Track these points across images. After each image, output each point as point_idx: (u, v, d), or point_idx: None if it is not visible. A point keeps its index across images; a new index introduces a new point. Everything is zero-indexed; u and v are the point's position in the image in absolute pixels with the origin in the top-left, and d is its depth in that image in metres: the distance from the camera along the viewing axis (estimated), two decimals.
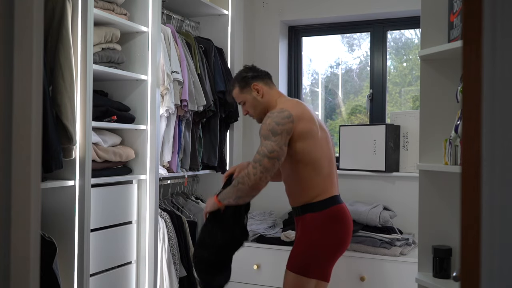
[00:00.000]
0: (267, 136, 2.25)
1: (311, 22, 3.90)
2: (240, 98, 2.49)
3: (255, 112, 2.48)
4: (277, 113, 2.27)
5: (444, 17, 2.23)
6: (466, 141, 0.64)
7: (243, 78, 2.46)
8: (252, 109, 2.47)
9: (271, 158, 2.22)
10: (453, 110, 2.22)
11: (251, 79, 2.45)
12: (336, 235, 2.33)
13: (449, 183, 2.24)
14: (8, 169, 0.68)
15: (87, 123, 2.28)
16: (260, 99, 2.44)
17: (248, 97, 2.45)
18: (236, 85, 2.48)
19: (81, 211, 2.27)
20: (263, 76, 2.48)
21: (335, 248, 2.34)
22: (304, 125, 2.30)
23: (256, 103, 2.45)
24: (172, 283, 2.87)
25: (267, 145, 2.23)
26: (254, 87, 2.44)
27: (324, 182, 2.34)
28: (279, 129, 2.23)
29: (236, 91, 2.48)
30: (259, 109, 2.46)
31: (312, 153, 2.32)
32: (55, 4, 2.18)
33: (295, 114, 2.28)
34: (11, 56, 0.68)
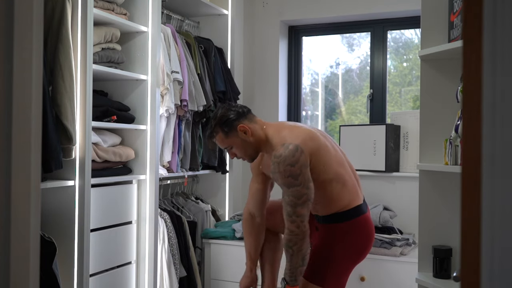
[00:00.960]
0: (289, 184, 2.06)
1: (311, 22, 3.90)
2: (226, 144, 2.22)
3: (246, 154, 2.24)
4: (284, 154, 2.05)
5: (444, 17, 2.23)
6: (466, 141, 0.64)
7: (226, 122, 2.17)
8: (242, 151, 2.23)
9: (303, 204, 2.06)
10: (453, 110, 2.22)
11: (235, 120, 2.18)
12: (356, 246, 2.24)
13: (449, 183, 2.24)
14: (8, 169, 0.68)
15: (87, 123, 2.28)
16: (250, 140, 2.19)
17: (236, 141, 2.20)
18: (219, 131, 2.19)
19: (81, 211, 2.27)
20: (245, 113, 2.22)
21: (354, 258, 2.26)
22: (311, 146, 2.13)
23: (246, 145, 2.20)
24: (172, 283, 2.87)
25: (294, 193, 2.05)
26: (240, 129, 2.17)
27: (349, 192, 2.23)
28: (297, 169, 2.04)
29: (220, 137, 2.20)
30: (250, 150, 2.22)
31: (331, 166, 2.18)
32: (55, 4, 2.18)
33: (300, 141, 2.10)
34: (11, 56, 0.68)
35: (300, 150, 2.07)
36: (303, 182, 2.06)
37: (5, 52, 0.68)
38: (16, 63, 0.68)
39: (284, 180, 2.06)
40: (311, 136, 2.17)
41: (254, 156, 2.25)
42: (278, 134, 2.18)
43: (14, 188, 0.69)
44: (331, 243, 2.22)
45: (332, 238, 2.22)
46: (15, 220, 0.69)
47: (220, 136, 2.20)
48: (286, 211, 2.09)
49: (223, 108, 2.23)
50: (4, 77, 0.68)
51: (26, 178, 0.70)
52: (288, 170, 2.04)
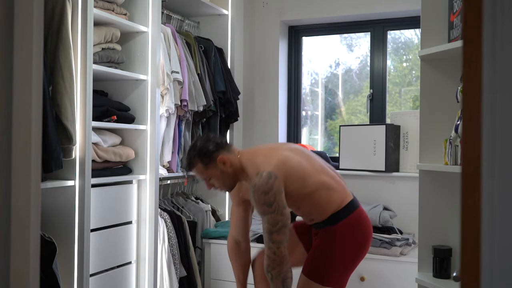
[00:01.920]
0: (264, 211, 2.10)
1: (311, 22, 3.90)
2: (205, 175, 2.23)
3: (225, 185, 2.26)
4: (258, 183, 2.09)
5: (444, 17, 2.23)
6: (466, 141, 0.64)
7: (206, 153, 2.19)
8: (221, 182, 2.25)
9: (279, 231, 2.10)
10: (453, 110, 2.22)
11: (214, 152, 2.19)
12: (356, 242, 2.26)
13: (449, 183, 2.24)
14: (8, 169, 0.68)
15: (87, 123, 2.28)
16: (228, 171, 2.21)
17: (214, 172, 2.21)
18: (198, 161, 2.20)
19: (81, 211, 2.27)
20: (223, 144, 2.24)
21: (354, 256, 2.28)
22: (284, 169, 2.16)
23: (225, 176, 2.22)
24: (172, 283, 2.87)
25: (270, 220, 2.10)
26: (220, 160, 2.19)
27: (337, 193, 2.27)
28: (271, 197, 2.08)
29: (200, 168, 2.21)
30: (228, 181, 2.24)
31: (311, 179, 2.21)
32: (55, 4, 2.18)
33: (272, 167, 2.13)
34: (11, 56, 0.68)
35: (273, 176, 2.10)
36: (277, 209, 2.09)
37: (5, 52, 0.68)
38: (16, 63, 0.68)
39: (260, 208, 2.12)
40: (283, 160, 2.18)
41: (232, 186, 2.29)
42: (251, 162, 2.21)
43: (14, 188, 0.69)
44: (332, 242, 2.24)
45: (333, 238, 2.25)
46: (15, 220, 0.69)
47: (199, 167, 2.22)
48: (264, 238, 2.15)
49: (202, 140, 2.24)
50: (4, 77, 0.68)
51: (26, 178, 0.70)
52: (262, 198, 2.09)
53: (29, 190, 0.71)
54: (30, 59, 0.70)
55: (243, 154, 2.26)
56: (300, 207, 2.29)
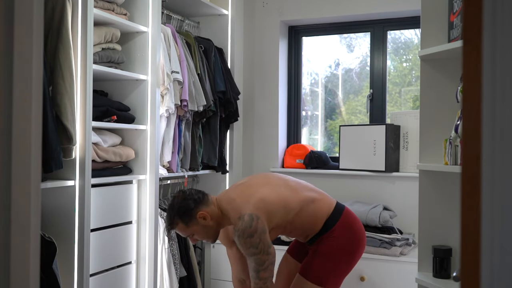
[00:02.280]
0: (251, 253, 2.15)
1: (311, 22, 3.90)
2: (188, 232, 2.25)
3: (209, 237, 2.29)
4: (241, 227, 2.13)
5: (444, 17, 2.23)
6: (466, 141, 0.64)
7: (185, 212, 2.20)
8: (204, 236, 2.27)
9: (265, 269, 2.17)
10: (453, 110, 2.22)
11: (194, 209, 2.20)
12: (352, 242, 2.30)
13: (449, 183, 2.24)
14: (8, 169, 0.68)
15: (87, 123, 2.28)
16: (210, 224, 2.23)
17: (196, 228, 2.23)
18: (179, 221, 2.21)
19: (81, 211, 2.27)
20: (201, 199, 2.24)
21: (351, 256, 2.32)
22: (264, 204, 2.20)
23: (207, 230, 2.24)
24: (172, 283, 2.87)
25: (257, 261, 2.15)
26: (200, 216, 2.21)
27: (322, 201, 2.33)
28: (256, 239, 2.12)
29: (181, 227, 2.23)
30: (211, 233, 2.27)
31: (293, 203, 2.26)
32: (55, 4, 2.18)
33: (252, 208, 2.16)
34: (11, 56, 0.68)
35: (255, 217, 2.14)
36: (263, 249, 2.14)
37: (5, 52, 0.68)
38: (16, 63, 0.68)
39: (246, 251, 2.16)
40: (261, 198, 2.21)
41: (216, 237, 2.32)
42: (231, 206, 2.24)
43: (14, 188, 0.69)
44: (329, 244, 2.28)
45: (329, 240, 2.29)
46: (15, 220, 0.69)
47: (180, 226, 2.23)
48: (251, 274, 2.21)
49: (179, 198, 2.24)
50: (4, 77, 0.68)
51: (26, 178, 0.70)
52: (248, 241, 2.13)
53: (29, 190, 0.71)
54: (30, 59, 0.70)
55: (220, 201, 2.29)
56: (292, 231, 2.36)
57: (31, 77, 0.70)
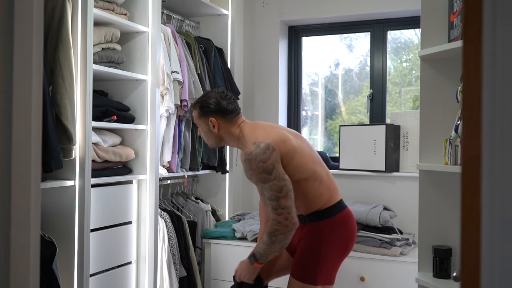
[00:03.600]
0: (265, 179, 2.11)
1: (311, 22, 3.90)
2: (197, 122, 2.38)
3: (207, 140, 2.39)
4: (255, 152, 2.12)
5: (444, 17, 2.23)
6: (466, 141, 0.64)
7: (204, 108, 2.30)
8: (205, 136, 2.38)
9: (285, 196, 2.09)
10: (453, 110, 2.22)
11: (211, 112, 2.29)
12: (343, 240, 2.28)
13: (449, 183, 2.24)
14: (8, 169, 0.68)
15: (87, 123, 2.28)
16: (213, 131, 2.32)
17: (202, 125, 2.34)
18: (197, 108, 2.34)
19: (81, 211, 2.27)
20: (224, 111, 2.29)
21: (341, 253, 2.30)
22: (283, 147, 2.18)
23: (209, 134, 2.35)
24: (172, 283, 2.87)
25: (273, 187, 2.09)
26: (210, 120, 2.30)
27: (328, 189, 2.28)
28: (270, 165, 2.10)
29: (196, 114, 2.36)
30: (211, 139, 2.36)
31: (306, 166, 2.23)
32: (55, 4, 2.18)
33: (271, 140, 2.16)
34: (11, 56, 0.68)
35: (271, 148, 2.13)
36: (278, 176, 2.10)
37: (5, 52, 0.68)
38: (16, 63, 0.68)
39: (259, 177, 2.12)
40: (283, 138, 2.21)
41: (215, 146, 2.41)
42: (252, 133, 2.27)
43: (14, 188, 0.69)
44: (318, 241, 2.25)
45: (319, 236, 2.25)
46: (16, 220, 0.69)
47: (196, 113, 2.36)
48: (271, 206, 2.11)
49: (214, 95, 2.33)
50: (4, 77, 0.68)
51: (26, 178, 0.70)
52: (261, 166, 2.10)
53: (29, 190, 0.70)
54: (30, 59, 0.70)
55: (246, 124, 2.33)
56: None
57: (31, 77, 0.70)
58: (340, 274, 3.00)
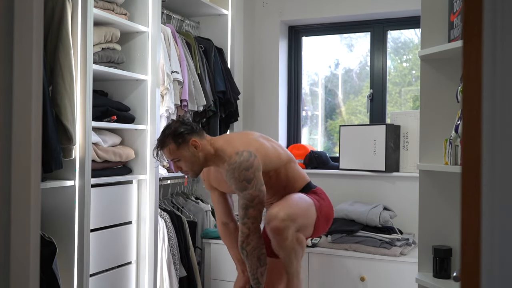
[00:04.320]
0: (243, 188, 2.21)
1: (311, 22, 3.90)
2: (176, 155, 2.29)
3: (193, 168, 2.32)
4: (239, 160, 2.21)
5: (444, 17, 2.23)
6: (466, 141, 0.64)
7: (180, 134, 2.26)
8: (189, 165, 2.30)
9: (255, 206, 2.22)
10: (453, 110, 2.22)
11: (188, 134, 2.27)
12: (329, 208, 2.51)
13: (449, 183, 2.24)
14: (8, 169, 0.68)
15: (87, 123, 2.28)
16: (198, 155, 2.29)
17: (185, 154, 2.27)
18: (171, 142, 2.26)
19: (81, 211, 2.27)
20: (196, 129, 2.32)
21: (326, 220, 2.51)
22: (265, 150, 2.35)
23: (194, 160, 2.29)
24: (172, 283, 2.87)
25: (247, 196, 2.21)
26: (192, 143, 2.27)
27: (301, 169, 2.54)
28: (251, 174, 2.21)
29: (172, 148, 2.27)
30: (197, 165, 2.31)
31: (282, 155, 2.45)
32: (55, 4, 2.18)
33: (253, 148, 2.28)
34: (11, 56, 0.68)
35: (253, 155, 2.25)
36: (255, 185, 2.22)
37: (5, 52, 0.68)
38: (16, 63, 0.68)
39: (239, 185, 2.22)
40: (260, 145, 2.36)
41: (198, 172, 2.37)
42: (228, 145, 2.32)
43: (14, 188, 0.69)
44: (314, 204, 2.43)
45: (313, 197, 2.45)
46: (15, 220, 0.69)
47: (171, 147, 2.28)
48: (240, 214, 2.26)
49: (177, 122, 2.33)
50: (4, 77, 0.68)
51: (26, 178, 0.70)
52: (243, 174, 2.21)
53: (29, 190, 0.70)
54: (30, 59, 0.70)
55: (216, 140, 2.38)
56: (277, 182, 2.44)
57: (31, 77, 0.70)
58: (340, 274, 3.00)
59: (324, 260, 3.04)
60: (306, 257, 3.03)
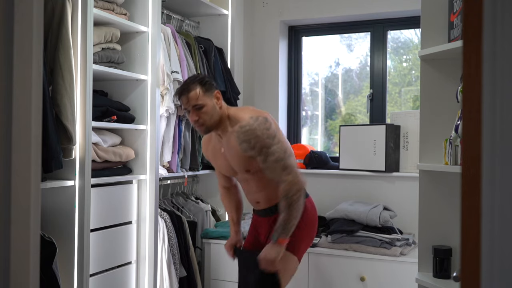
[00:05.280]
0: (269, 144, 2.17)
1: (311, 22, 3.90)
2: (201, 101, 2.22)
3: (210, 121, 2.25)
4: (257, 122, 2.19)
5: (444, 17, 2.23)
6: (466, 141, 0.64)
7: (207, 82, 2.25)
8: (209, 116, 2.24)
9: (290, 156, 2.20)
10: (453, 110, 2.22)
11: (215, 86, 2.28)
12: (315, 220, 2.41)
13: (449, 183, 2.24)
14: (8, 169, 0.68)
15: (87, 123, 2.28)
16: (217, 109, 2.25)
17: (209, 103, 2.23)
18: (198, 86, 2.22)
19: (81, 211, 2.27)
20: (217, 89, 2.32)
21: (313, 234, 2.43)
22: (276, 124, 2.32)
23: (214, 112, 2.24)
24: (172, 283, 2.87)
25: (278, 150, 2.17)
26: (216, 95, 2.26)
27: None
28: (272, 132, 2.19)
29: (197, 93, 2.22)
30: (214, 119, 2.25)
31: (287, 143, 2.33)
32: (55, 4, 2.18)
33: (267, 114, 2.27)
34: (11, 56, 0.68)
35: (269, 120, 2.23)
36: (280, 140, 2.21)
37: (5, 52, 0.68)
38: (16, 63, 0.68)
39: (264, 142, 2.17)
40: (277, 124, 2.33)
41: (211, 128, 2.28)
42: (241, 111, 2.31)
43: (14, 188, 0.69)
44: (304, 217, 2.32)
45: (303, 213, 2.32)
46: (15, 220, 0.69)
47: (197, 92, 2.22)
48: (280, 167, 2.18)
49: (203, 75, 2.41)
50: (4, 77, 0.68)
51: (26, 178, 0.70)
52: (266, 132, 2.18)
53: (29, 190, 0.70)
54: (30, 59, 0.70)
55: (230, 108, 2.35)
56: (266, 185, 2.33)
57: (31, 77, 0.70)
58: (340, 274, 3.00)
59: (324, 260, 3.04)
60: (306, 257, 3.03)
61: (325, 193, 3.50)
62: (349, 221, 3.12)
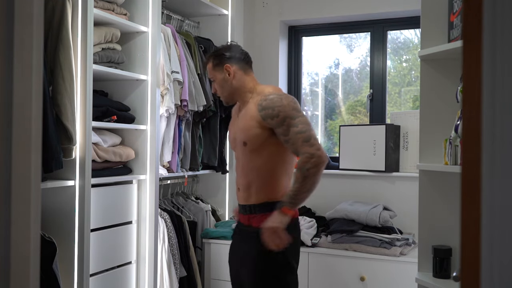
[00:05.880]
0: (294, 115, 2.12)
1: (311, 22, 3.89)
2: (211, 75, 2.32)
3: (222, 93, 2.32)
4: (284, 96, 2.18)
5: (444, 17, 2.23)
6: (466, 141, 0.64)
7: (218, 56, 2.29)
8: (220, 88, 2.31)
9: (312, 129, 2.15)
10: (453, 110, 2.22)
11: (226, 59, 2.27)
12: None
13: (449, 183, 2.24)
14: (8, 169, 0.68)
15: (87, 123, 2.28)
16: (229, 82, 2.27)
17: (217, 76, 2.29)
18: (211, 60, 2.31)
19: (81, 211, 2.27)
20: (240, 60, 2.31)
21: None
22: None
23: (224, 84, 2.28)
24: (172, 283, 2.87)
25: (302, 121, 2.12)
26: (226, 68, 2.27)
27: (287, 184, 2.23)
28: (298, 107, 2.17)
29: (210, 66, 2.32)
30: (226, 91, 2.29)
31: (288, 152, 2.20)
32: (55, 4, 2.18)
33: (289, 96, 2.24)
34: (11, 56, 0.68)
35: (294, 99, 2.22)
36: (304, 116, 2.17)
37: (5, 52, 0.68)
38: (16, 63, 0.68)
39: (289, 113, 2.12)
40: None
41: (229, 100, 2.33)
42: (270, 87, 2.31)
43: (14, 188, 0.69)
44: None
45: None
46: (15, 220, 0.69)
47: (209, 65, 2.32)
48: (302, 138, 2.09)
49: (231, 45, 2.37)
50: (4, 77, 0.68)
51: (26, 178, 0.70)
52: (292, 105, 2.15)
53: (29, 190, 0.70)
54: (30, 59, 0.70)
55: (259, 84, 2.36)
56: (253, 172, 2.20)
57: (31, 77, 0.70)
58: (340, 274, 3.00)
59: (324, 260, 3.04)
60: (306, 257, 3.03)
61: (325, 193, 3.49)
62: (349, 221, 3.12)
